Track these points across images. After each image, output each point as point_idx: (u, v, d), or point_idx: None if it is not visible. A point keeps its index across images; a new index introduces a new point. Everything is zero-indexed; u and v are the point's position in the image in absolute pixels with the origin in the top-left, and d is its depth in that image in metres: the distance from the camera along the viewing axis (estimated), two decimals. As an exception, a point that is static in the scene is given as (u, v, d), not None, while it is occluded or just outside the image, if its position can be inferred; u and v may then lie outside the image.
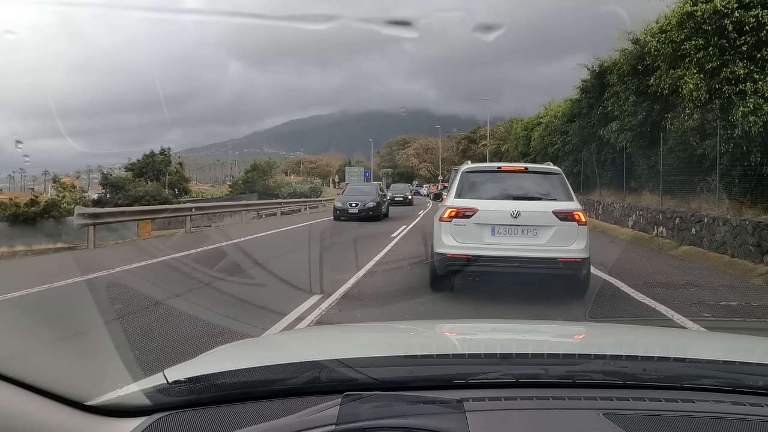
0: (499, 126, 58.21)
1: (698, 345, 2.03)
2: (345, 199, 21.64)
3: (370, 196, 21.73)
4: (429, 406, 1.14)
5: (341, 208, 20.84)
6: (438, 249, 6.74)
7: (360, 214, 20.33)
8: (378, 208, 21.19)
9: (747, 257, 9.83)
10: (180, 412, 1.22)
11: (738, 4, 11.65)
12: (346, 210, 20.65)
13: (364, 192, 22.55)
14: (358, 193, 22.36)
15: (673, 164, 14.29)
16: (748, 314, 6.53)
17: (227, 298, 6.78)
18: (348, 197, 21.80)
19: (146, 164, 44.34)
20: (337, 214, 20.86)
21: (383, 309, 6.39)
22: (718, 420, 1.17)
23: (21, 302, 6.59)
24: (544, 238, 6.55)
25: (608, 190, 19.93)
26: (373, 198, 21.40)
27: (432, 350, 1.66)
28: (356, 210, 20.48)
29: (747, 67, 11.45)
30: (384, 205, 22.87)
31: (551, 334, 2.17)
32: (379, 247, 11.91)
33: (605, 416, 1.16)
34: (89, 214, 13.17)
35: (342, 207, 20.85)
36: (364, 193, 22.33)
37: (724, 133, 11.40)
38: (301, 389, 1.30)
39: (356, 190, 23.22)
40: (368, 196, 21.55)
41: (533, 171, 7.43)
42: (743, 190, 11.30)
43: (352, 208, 20.54)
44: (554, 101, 29.51)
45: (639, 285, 7.84)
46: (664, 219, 13.87)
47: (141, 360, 4.25)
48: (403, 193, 39.43)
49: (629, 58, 15.69)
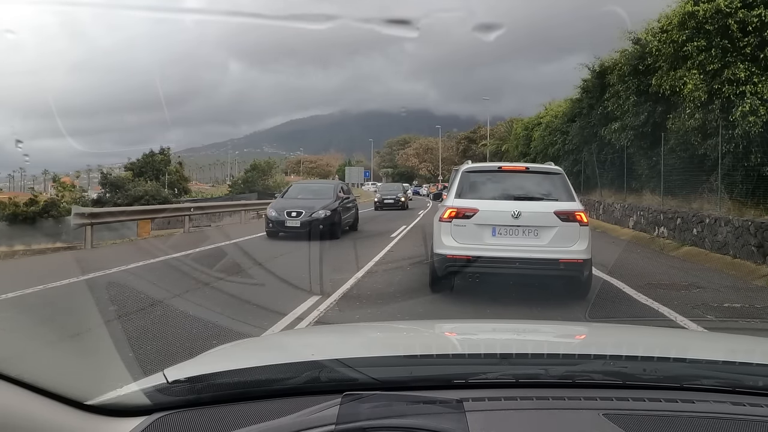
0: (500, 126, 58.18)
1: (698, 345, 2.03)
2: (282, 205, 14.40)
3: (323, 200, 14.46)
4: (429, 406, 1.14)
5: (275, 218, 13.83)
6: (438, 249, 6.73)
7: (301, 228, 13.42)
8: (333, 219, 13.99)
9: (749, 258, 9.82)
10: (180, 411, 1.22)
11: (741, 3, 11.63)
12: (283, 222, 13.72)
13: (315, 193, 15.22)
14: (307, 194, 15.20)
15: (674, 164, 14.28)
16: (752, 316, 6.53)
17: (227, 298, 6.79)
18: (287, 202, 14.61)
19: (146, 164, 44.37)
20: (270, 228, 14.00)
21: (383, 309, 6.39)
22: (718, 420, 1.17)
23: (20, 302, 6.59)
24: (545, 238, 6.54)
25: (609, 191, 19.93)
26: (327, 203, 14.25)
27: (432, 350, 1.66)
28: (297, 222, 13.58)
29: (749, 68, 11.43)
30: (348, 214, 15.67)
31: (551, 335, 2.17)
32: (379, 248, 11.92)
33: (605, 416, 1.16)
34: (87, 214, 13.17)
35: (277, 217, 13.84)
36: (314, 195, 15.08)
37: (726, 133, 11.40)
38: (300, 389, 1.30)
39: (303, 190, 15.86)
40: (319, 201, 14.33)
41: (534, 171, 7.42)
42: (745, 191, 11.29)
43: (291, 219, 13.65)
44: (555, 101, 29.51)
45: (640, 286, 7.83)
46: (665, 219, 13.86)
47: (140, 360, 4.25)
48: (395, 195, 31.15)
49: (630, 58, 15.68)
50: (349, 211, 15.86)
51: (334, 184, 17.08)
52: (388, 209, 29.43)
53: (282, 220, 13.75)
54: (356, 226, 16.76)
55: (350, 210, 16.10)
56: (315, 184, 18.02)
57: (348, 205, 15.97)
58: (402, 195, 31.34)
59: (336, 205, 14.52)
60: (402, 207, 30.21)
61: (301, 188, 16.39)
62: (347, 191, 16.98)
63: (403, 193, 31.93)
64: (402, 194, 31.54)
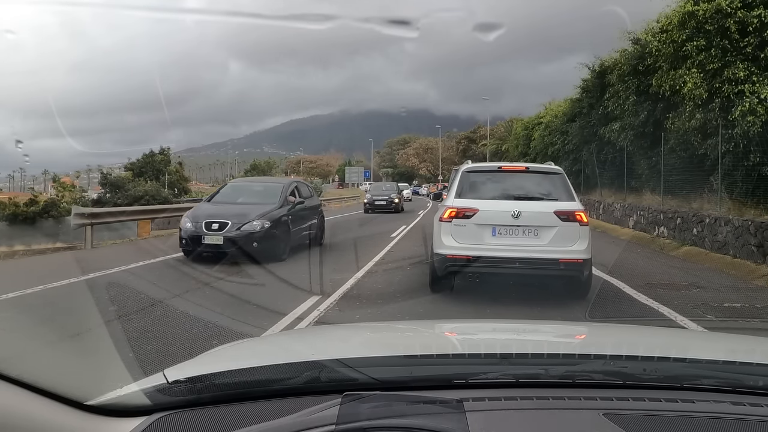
0: (500, 126, 58.19)
1: (698, 345, 2.03)
2: (204, 212, 10.37)
3: (263, 205, 10.52)
4: (429, 406, 1.14)
5: (190, 232, 9.81)
6: (438, 249, 6.73)
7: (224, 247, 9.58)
8: (275, 232, 10.07)
9: (749, 258, 9.82)
10: (180, 411, 1.22)
11: (741, 3, 11.64)
12: (199, 237, 9.70)
13: (256, 196, 11.26)
14: (244, 197, 11.30)
15: (674, 164, 14.29)
16: (752, 315, 6.53)
17: (227, 298, 6.79)
18: (212, 208, 10.62)
19: (146, 164, 44.33)
20: (185, 246, 9.95)
21: (383, 309, 6.40)
22: (718, 420, 1.17)
23: (21, 302, 6.59)
24: (545, 238, 6.54)
25: (609, 190, 19.93)
26: (267, 210, 10.29)
27: (432, 350, 1.66)
28: (219, 237, 9.62)
29: (748, 68, 11.44)
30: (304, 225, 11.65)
31: (551, 334, 2.17)
32: (379, 248, 11.91)
33: (605, 416, 1.16)
34: (87, 214, 13.16)
35: (192, 231, 9.80)
36: (253, 198, 11.16)
37: (725, 133, 11.40)
38: (301, 389, 1.30)
39: (241, 191, 11.86)
40: (256, 207, 10.42)
41: (534, 171, 7.42)
42: (745, 191, 11.30)
43: (210, 234, 9.66)
44: (554, 101, 29.53)
45: (640, 286, 7.83)
46: (665, 219, 13.87)
47: (141, 360, 4.25)
48: (387, 196, 27.26)
49: (630, 58, 15.69)
50: (305, 220, 11.69)
51: (284, 183, 12.05)
52: (380, 212, 26.10)
53: (198, 234, 9.65)
54: (321, 239, 12.81)
55: (309, 219, 11.95)
56: (258, 184, 13.06)
57: (303, 212, 11.58)
58: (396, 196, 27.53)
59: (282, 212, 10.56)
60: (395, 210, 26.63)
61: (238, 188, 12.30)
62: (306, 193, 12.54)
63: (397, 194, 27.93)
64: (396, 195, 27.64)
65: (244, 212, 10.13)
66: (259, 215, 10.05)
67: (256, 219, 9.95)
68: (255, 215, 10.02)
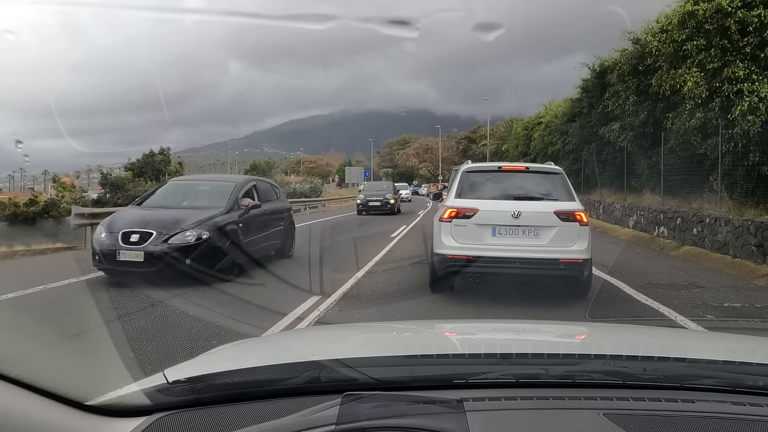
0: (499, 126, 58.21)
1: (698, 345, 2.03)
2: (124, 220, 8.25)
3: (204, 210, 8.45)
4: (429, 406, 1.14)
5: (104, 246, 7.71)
6: (438, 249, 6.73)
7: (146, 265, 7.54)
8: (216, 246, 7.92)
9: (749, 258, 9.82)
10: (180, 412, 1.22)
11: (741, 3, 11.65)
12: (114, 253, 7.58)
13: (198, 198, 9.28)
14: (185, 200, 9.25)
15: (674, 164, 14.29)
16: (752, 315, 6.53)
17: (227, 298, 6.79)
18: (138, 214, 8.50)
19: (146, 164, 44.29)
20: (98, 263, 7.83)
21: (383, 309, 6.40)
22: (718, 420, 1.17)
23: (21, 302, 6.59)
24: (545, 238, 6.54)
25: (609, 190, 19.93)
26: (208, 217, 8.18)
27: (432, 350, 1.66)
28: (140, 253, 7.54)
29: (748, 67, 11.45)
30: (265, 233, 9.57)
31: (551, 334, 2.17)
32: (379, 248, 11.92)
33: (605, 416, 1.16)
34: (87, 214, 13.16)
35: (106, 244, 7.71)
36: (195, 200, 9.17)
37: (725, 133, 11.41)
38: (301, 389, 1.30)
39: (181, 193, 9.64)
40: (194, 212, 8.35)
41: (534, 171, 7.43)
42: (745, 190, 11.30)
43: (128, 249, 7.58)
44: (554, 101, 29.54)
45: (640, 286, 7.83)
46: (665, 219, 13.87)
47: (141, 360, 4.25)
48: (382, 196, 25.34)
49: (630, 57, 15.70)
50: (266, 228, 9.56)
51: (237, 182, 9.58)
52: (374, 213, 24.23)
53: (113, 249, 7.53)
54: (290, 249, 10.67)
55: (271, 227, 9.83)
56: (204, 183, 10.55)
57: (263, 219, 9.48)
58: (391, 196, 25.51)
59: (229, 219, 8.35)
60: (391, 211, 24.80)
61: (180, 189, 9.83)
62: (269, 195, 10.44)
63: (392, 194, 25.93)
64: (391, 195, 25.71)
65: (178, 219, 7.99)
66: (195, 223, 7.89)
67: (191, 228, 7.79)
68: (190, 223, 7.88)
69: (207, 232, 7.88)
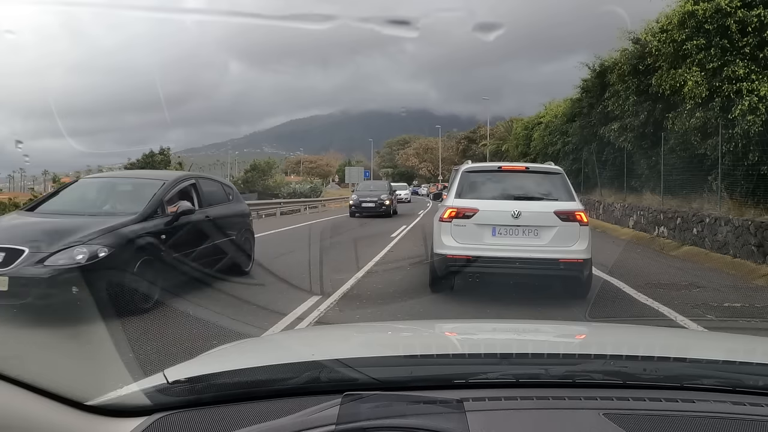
0: (499, 126, 58.18)
1: (699, 345, 2.03)
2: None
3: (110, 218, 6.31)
4: (429, 406, 1.14)
5: None
6: (438, 250, 6.73)
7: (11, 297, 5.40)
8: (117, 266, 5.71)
9: (749, 258, 9.82)
10: (180, 412, 1.22)
11: (741, 3, 11.65)
12: None
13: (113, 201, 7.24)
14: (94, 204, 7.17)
15: (674, 164, 14.29)
16: (752, 315, 6.53)
17: (227, 298, 6.79)
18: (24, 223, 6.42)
19: (146, 164, 44.29)
20: None
21: (383, 309, 6.40)
22: (719, 420, 1.17)
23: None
24: (545, 238, 6.54)
25: (609, 190, 19.93)
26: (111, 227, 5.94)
27: (432, 350, 1.66)
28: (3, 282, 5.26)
29: (748, 66, 11.46)
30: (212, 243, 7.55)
31: (551, 334, 2.17)
32: (379, 247, 11.91)
33: (605, 416, 1.16)
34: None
35: None
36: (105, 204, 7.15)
37: (725, 132, 11.41)
38: (301, 389, 1.30)
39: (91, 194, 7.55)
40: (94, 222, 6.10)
41: (534, 171, 7.43)
42: (745, 190, 11.30)
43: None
44: (554, 101, 29.55)
45: (640, 286, 7.83)
46: (665, 219, 13.87)
47: (141, 360, 4.25)
48: (376, 197, 23.42)
49: (630, 57, 15.69)
50: (207, 239, 7.52)
51: (167, 180, 7.40)
52: (368, 215, 22.53)
53: None
54: (246, 264, 8.58)
55: (215, 237, 7.69)
56: (125, 181, 8.24)
57: (203, 226, 7.48)
58: (386, 197, 23.56)
59: (145, 229, 6.36)
60: (386, 213, 22.91)
61: (91, 189, 7.83)
62: (217, 196, 8.35)
63: (387, 195, 23.94)
64: (386, 196, 23.71)
65: (67, 230, 5.84)
66: (90, 235, 5.73)
67: (83, 242, 5.62)
68: (82, 235, 5.70)
69: (106, 249, 5.67)
